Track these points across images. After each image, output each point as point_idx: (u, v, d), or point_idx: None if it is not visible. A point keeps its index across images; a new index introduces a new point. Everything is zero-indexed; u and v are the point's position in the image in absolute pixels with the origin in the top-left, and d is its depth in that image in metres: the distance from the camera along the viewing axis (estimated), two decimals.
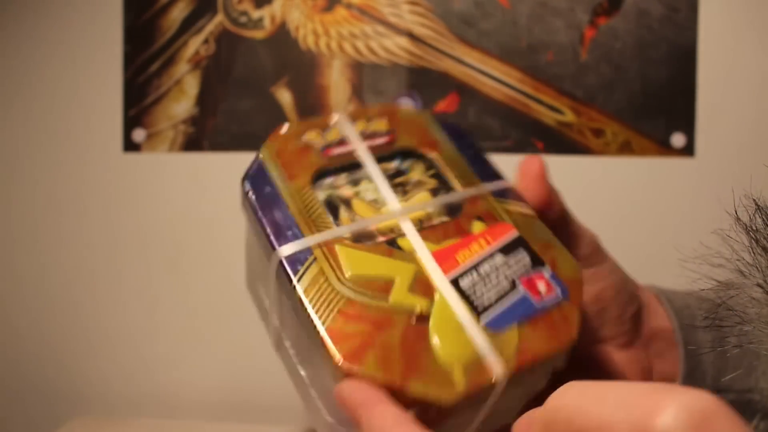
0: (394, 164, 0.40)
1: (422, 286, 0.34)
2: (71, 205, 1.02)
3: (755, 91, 0.90)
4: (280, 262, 0.34)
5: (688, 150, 0.91)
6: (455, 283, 0.34)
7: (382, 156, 0.40)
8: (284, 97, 0.97)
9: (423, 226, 0.36)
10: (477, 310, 0.33)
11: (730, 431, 0.19)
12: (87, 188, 1.01)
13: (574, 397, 0.21)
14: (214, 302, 0.99)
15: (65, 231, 1.02)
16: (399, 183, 0.39)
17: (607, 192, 0.93)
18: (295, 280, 0.33)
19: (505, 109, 0.94)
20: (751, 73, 0.90)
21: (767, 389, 0.37)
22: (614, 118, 0.92)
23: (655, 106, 0.91)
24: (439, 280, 0.34)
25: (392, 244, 0.35)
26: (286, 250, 0.34)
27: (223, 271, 0.99)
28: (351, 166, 0.39)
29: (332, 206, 0.37)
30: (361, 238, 0.35)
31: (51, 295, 1.02)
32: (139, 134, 1.00)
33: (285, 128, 0.41)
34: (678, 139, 0.91)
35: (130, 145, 1.00)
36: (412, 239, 0.35)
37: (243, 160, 1.14)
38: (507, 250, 0.36)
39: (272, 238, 0.35)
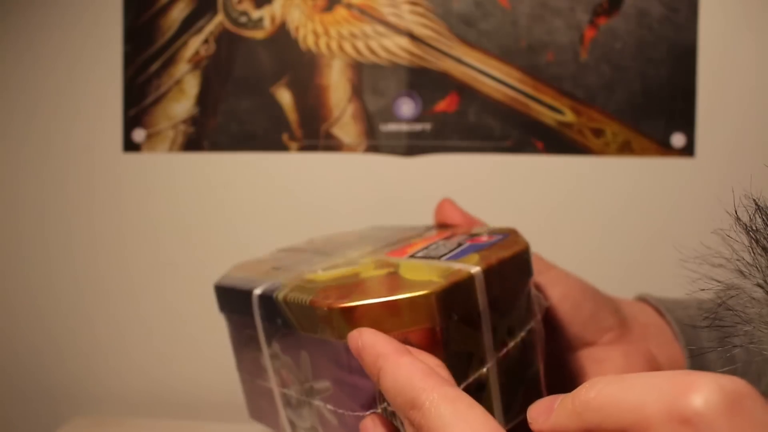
0: None
1: (385, 264, 0.36)
2: (71, 205, 1.02)
3: (755, 91, 0.90)
4: (258, 296, 0.38)
5: (688, 150, 0.91)
6: (412, 256, 0.37)
7: None
8: (284, 97, 0.97)
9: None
10: (437, 258, 0.36)
11: (762, 412, 0.19)
12: (87, 188, 1.01)
13: (604, 387, 0.22)
14: (213, 302, 0.99)
15: (65, 231, 1.02)
16: None
17: (607, 192, 0.93)
18: (274, 295, 0.36)
19: (505, 109, 0.94)
20: (751, 74, 0.90)
21: None
22: (614, 118, 0.92)
23: (655, 106, 0.91)
24: (398, 258, 0.37)
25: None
26: (258, 290, 0.38)
27: (223, 270, 0.99)
28: None
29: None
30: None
31: (50, 295, 1.02)
32: (139, 134, 1.00)
33: None
34: (678, 139, 0.91)
35: (130, 145, 1.00)
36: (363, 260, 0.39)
37: (243, 160, 1.14)
38: (446, 239, 0.39)
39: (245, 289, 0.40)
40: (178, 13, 0.99)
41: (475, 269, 0.33)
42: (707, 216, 0.37)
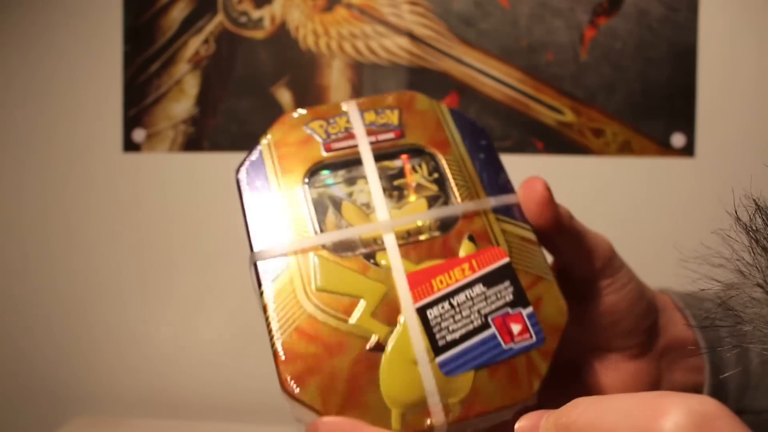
0: (397, 163, 0.38)
1: (388, 310, 0.32)
2: (71, 205, 1.02)
3: (755, 91, 0.90)
4: (255, 264, 0.33)
5: (688, 150, 0.91)
6: (422, 312, 0.32)
7: (385, 153, 0.38)
8: (284, 97, 0.97)
9: (408, 240, 0.34)
10: (437, 346, 0.31)
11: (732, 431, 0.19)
12: (87, 188, 1.01)
13: (584, 411, 0.22)
14: (213, 302, 0.99)
15: (65, 231, 1.02)
16: (397, 186, 0.37)
17: (607, 192, 0.93)
18: (264, 286, 0.33)
19: (505, 109, 0.94)
20: (751, 74, 0.90)
21: None
22: (614, 118, 0.92)
23: (655, 106, 0.91)
24: (407, 307, 0.32)
25: (370, 257, 0.34)
26: (263, 254, 0.34)
27: (223, 270, 0.99)
28: (351, 162, 0.37)
29: (321, 207, 0.36)
30: (341, 248, 0.34)
31: (51, 295, 1.02)
32: (139, 134, 1.00)
33: (291, 115, 0.39)
34: (678, 139, 0.91)
35: (130, 145, 1.00)
36: (391, 256, 0.34)
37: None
38: (490, 279, 0.33)
39: (252, 237, 0.34)
40: (178, 13, 0.99)
41: (439, 422, 0.30)
42: (707, 216, 0.37)
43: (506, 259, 0.34)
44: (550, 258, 0.38)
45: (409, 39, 0.95)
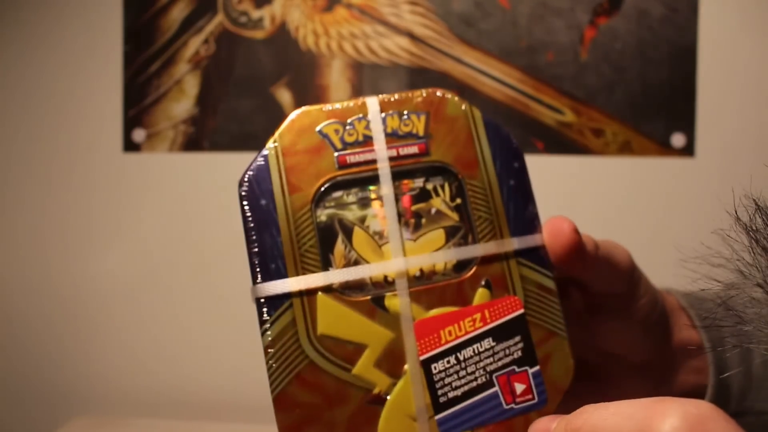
0: (417, 182, 0.35)
1: (392, 360, 0.31)
2: (71, 205, 1.02)
3: (755, 91, 0.90)
4: (257, 299, 0.32)
5: (688, 150, 0.91)
6: (427, 365, 0.31)
7: (406, 171, 0.35)
8: (284, 97, 0.97)
9: (421, 282, 0.33)
10: (437, 403, 0.31)
11: None
12: (87, 188, 1.01)
13: (590, 416, 0.24)
14: (213, 302, 0.99)
15: (65, 231, 1.02)
16: (415, 211, 0.35)
17: (607, 192, 0.93)
18: (265, 326, 0.31)
19: (505, 109, 0.94)
20: (751, 73, 0.90)
21: None
22: (614, 118, 0.92)
23: (655, 106, 0.91)
24: (411, 359, 0.31)
25: (379, 301, 0.32)
26: (265, 289, 0.32)
27: (223, 271, 0.99)
28: (366, 180, 0.34)
29: (330, 234, 0.34)
30: (349, 287, 0.32)
31: (51, 295, 1.02)
32: (139, 134, 1.00)
33: (304, 112, 0.35)
34: (678, 139, 0.91)
35: (130, 145, 1.00)
36: (401, 302, 0.32)
37: (243, 160, 1.14)
38: (501, 333, 0.32)
39: (255, 269, 0.32)
40: (178, 13, 0.99)
41: None
42: (707, 216, 0.37)
43: (521, 311, 0.33)
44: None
45: (409, 39, 0.95)
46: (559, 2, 0.92)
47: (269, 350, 0.31)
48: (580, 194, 0.94)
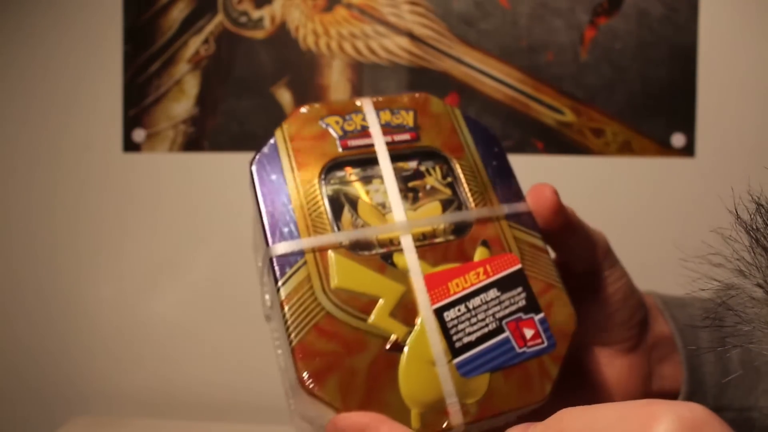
0: (411, 164, 0.38)
1: (406, 311, 0.33)
2: (71, 205, 1.02)
3: (755, 91, 0.90)
4: (271, 259, 0.33)
5: (688, 150, 0.91)
6: (440, 313, 0.33)
7: (401, 154, 0.38)
8: (284, 97, 0.97)
9: (424, 243, 0.35)
10: (454, 348, 0.32)
11: None
12: (87, 188, 1.01)
13: (574, 420, 0.23)
14: (213, 302, 0.99)
15: (65, 231, 1.02)
16: (412, 187, 0.37)
17: (607, 192, 0.93)
18: (280, 282, 0.32)
19: (505, 109, 0.94)
20: (751, 73, 0.90)
21: (767, 408, 0.38)
22: (614, 118, 0.92)
23: (655, 106, 0.91)
24: (424, 308, 0.33)
25: (387, 258, 0.34)
26: (279, 248, 0.33)
27: (223, 271, 0.99)
28: (366, 161, 0.37)
29: (337, 204, 0.36)
30: (358, 248, 0.34)
31: (50, 295, 1.02)
32: (139, 134, 1.00)
33: (306, 109, 0.38)
34: (678, 139, 0.91)
35: (130, 145, 1.00)
36: (409, 258, 0.34)
37: (243, 160, 1.14)
38: (504, 285, 0.34)
39: (268, 232, 0.34)
40: (178, 13, 0.99)
41: (457, 423, 0.31)
42: (707, 215, 0.37)
43: (519, 266, 0.35)
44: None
45: (409, 39, 0.95)
46: (559, 2, 0.92)
47: (286, 304, 0.32)
48: (580, 194, 0.94)
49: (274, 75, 0.97)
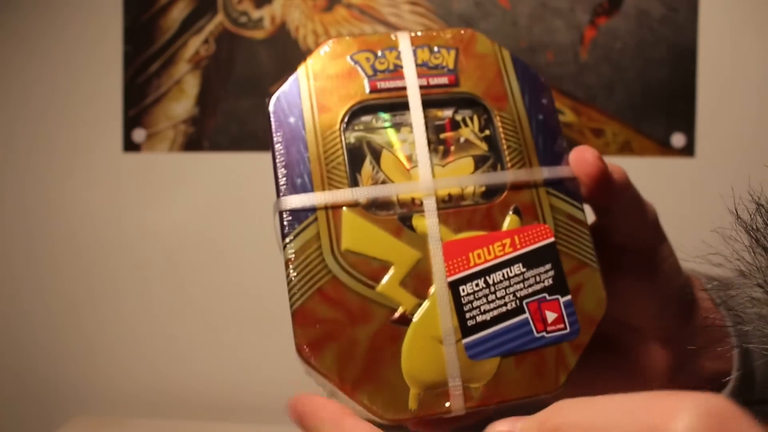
0: (447, 113, 0.34)
1: (418, 280, 0.30)
2: (71, 205, 1.02)
3: (755, 91, 0.90)
4: (281, 213, 0.31)
5: (688, 150, 0.91)
6: (455, 286, 0.30)
7: (436, 99, 0.34)
8: None
9: (449, 205, 0.32)
10: (465, 326, 0.30)
11: None
12: (87, 188, 1.01)
13: (575, 412, 0.20)
14: (213, 303, 0.99)
15: (65, 231, 1.02)
16: (443, 139, 0.34)
17: None
18: (287, 239, 0.30)
19: None
20: (751, 74, 0.90)
21: None
22: (614, 118, 0.92)
23: (655, 106, 0.91)
24: (439, 279, 0.30)
25: (406, 221, 0.31)
26: (290, 202, 0.31)
27: (223, 271, 0.99)
28: (396, 105, 0.34)
29: (358, 154, 0.33)
30: (375, 206, 0.31)
31: (50, 296, 1.02)
32: (139, 134, 1.00)
33: (335, 42, 0.35)
34: (678, 139, 0.91)
35: (130, 145, 1.00)
36: (429, 222, 0.31)
37: (243, 160, 1.14)
38: (531, 260, 0.31)
39: (280, 182, 0.32)
40: (178, 13, 0.99)
41: (457, 407, 0.29)
42: (707, 215, 0.37)
43: (551, 239, 0.32)
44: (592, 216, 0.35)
45: None
46: (559, 2, 0.92)
47: (290, 263, 0.30)
48: None
49: (274, 75, 0.97)
